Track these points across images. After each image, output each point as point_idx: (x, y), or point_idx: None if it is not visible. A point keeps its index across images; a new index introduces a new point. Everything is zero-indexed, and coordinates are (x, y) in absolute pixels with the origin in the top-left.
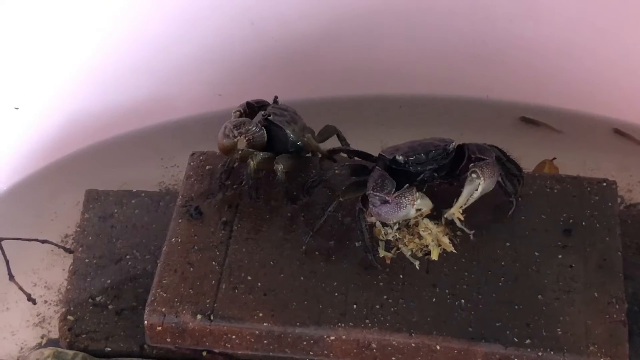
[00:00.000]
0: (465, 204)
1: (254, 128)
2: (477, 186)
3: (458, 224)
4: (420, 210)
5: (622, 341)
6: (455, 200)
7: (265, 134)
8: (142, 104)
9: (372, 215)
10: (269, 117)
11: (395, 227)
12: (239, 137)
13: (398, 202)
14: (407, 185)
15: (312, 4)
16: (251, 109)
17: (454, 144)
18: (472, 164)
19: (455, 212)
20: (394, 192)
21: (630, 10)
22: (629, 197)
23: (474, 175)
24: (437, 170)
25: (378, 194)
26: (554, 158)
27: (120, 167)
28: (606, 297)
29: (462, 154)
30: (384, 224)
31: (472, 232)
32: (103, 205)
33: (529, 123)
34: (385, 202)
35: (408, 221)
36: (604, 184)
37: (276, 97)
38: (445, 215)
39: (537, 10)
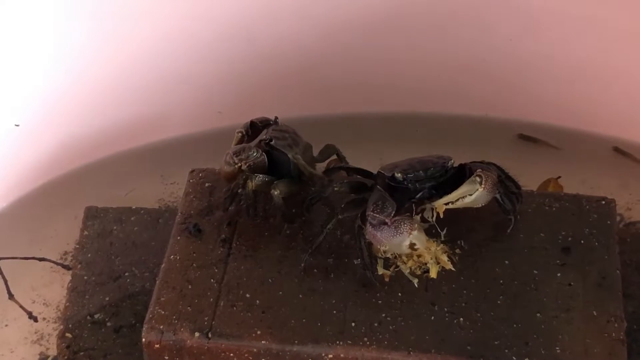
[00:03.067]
0: (453, 202)
1: (254, 154)
2: (474, 190)
3: (429, 216)
4: (414, 245)
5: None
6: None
7: (266, 159)
8: (142, 121)
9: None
10: (270, 142)
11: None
12: (239, 164)
13: (396, 226)
14: (408, 214)
15: (311, 22)
16: (254, 128)
17: (452, 161)
18: (479, 170)
19: (440, 205)
20: (394, 216)
21: (630, 30)
22: (628, 216)
23: (477, 179)
24: (436, 188)
25: (377, 215)
26: (559, 177)
27: (119, 184)
28: (605, 315)
29: (463, 174)
30: None
31: (444, 232)
32: (102, 222)
33: (528, 140)
34: (384, 224)
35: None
36: (603, 202)
37: (276, 118)
38: (427, 205)
39: (537, 29)
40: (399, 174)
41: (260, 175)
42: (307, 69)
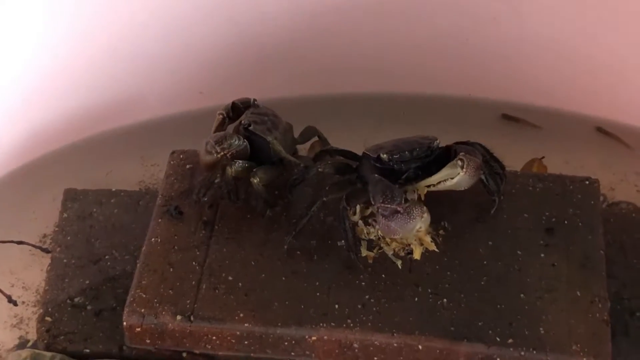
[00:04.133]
0: (435, 185)
1: (236, 142)
2: (455, 174)
3: (411, 197)
4: (421, 228)
5: (605, 340)
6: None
7: (248, 146)
8: (122, 102)
9: (360, 219)
10: (249, 127)
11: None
12: (222, 153)
13: (409, 212)
14: (415, 196)
15: (294, 3)
16: (236, 109)
17: (438, 141)
18: (462, 153)
19: (421, 187)
20: (405, 203)
21: (612, 9)
22: (611, 196)
23: (459, 163)
24: (422, 168)
25: (389, 205)
26: (543, 157)
27: (99, 166)
28: (589, 296)
29: (449, 155)
30: (367, 223)
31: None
32: (82, 204)
33: (511, 120)
34: (396, 212)
35: None
36: (587, 183)
37: (254, 101)
38: (409, 186)
39: (520, 9)
40: (385, 155)
41: (240, 162)
42: (290, 50)
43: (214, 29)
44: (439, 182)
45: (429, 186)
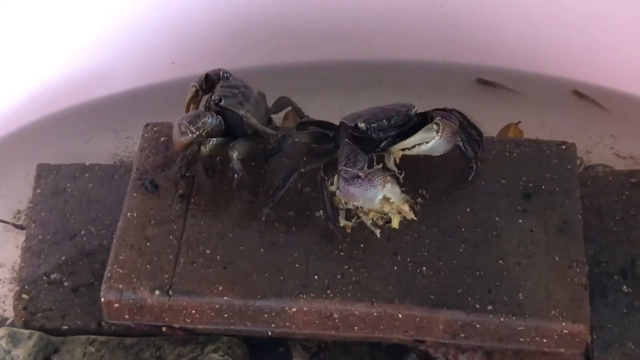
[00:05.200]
0: (409, 148)
1: (209, 120)
2: (430, 138)
3: (389, 164)
4: (389, 199)
5: (583, 304)
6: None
7: (222, 122)
8: (93, 75)
9: (338, 188)
10: (220, 103)
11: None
12: (197, 133)
13: (370, 179)
14: (380, 166)
15: None
16: (209, 81)
17: (415, 109)
18: (438, 118)
19: (396, 150)
20: (367, 169)
21: None
22: (587, 159)
23: (434, 127)
24: (400, 136)
25: (350, 169)
26: (519, 122)
27: (72, 139)
28: (567, 260)
29: (426, 122)
30: None
31: (402, 175)
32: (55, 179)
33: (486, 85)
34: (357, 177)
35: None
36: (563, 147)
37: (225, 73)
38: (384, 152)
39: None
40: (362, 124)
41: (214, 139)
42: (264, 18)
43: None
44: (414, 146)
45: (403, 150)
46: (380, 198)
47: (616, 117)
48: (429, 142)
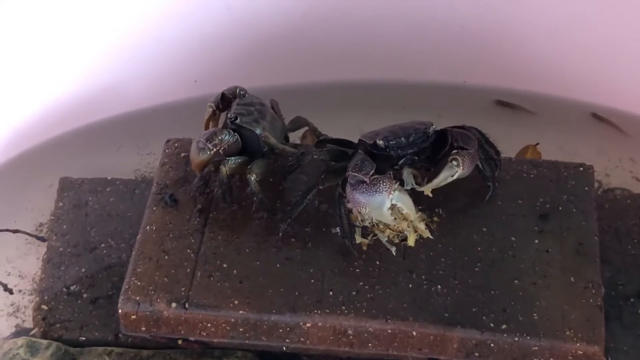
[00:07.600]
0: (438, 186)
1: (226, 137)
2: (454, 173)
3: (407, 181)
4: (397, 206)
5: (598, 326)
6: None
7: (239, 139)
8: (117, 91)
9: (349, 202)
10: (235, 121)
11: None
12: (214, 150)
13: (375, 184)
14: (389, 173)
15: None
16: (226, 100)
17: (434, 126)
18: (454, 151)
19: (426, 190)
20: (372, 174)
21: None
22: (606, 182)
23: (454, 163)
24: (418, 154)
25: (356, 174)
26: (537, 143)
27: (95, 154)
28: (583, 281)
29: (445, 139)
30: None
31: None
32: (77, 193)
33: (505, 106)
34: (362, 182)
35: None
36: (581, 169)
37: (241, 91)
38: (414, 186)
39: None
40: (381, 141)
41: (233, 158)
42: (284, 38)
43: (210, 16)
44: (441, 182)
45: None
46: (388, 206)
47: (635, 141)
48: (454, 176)
